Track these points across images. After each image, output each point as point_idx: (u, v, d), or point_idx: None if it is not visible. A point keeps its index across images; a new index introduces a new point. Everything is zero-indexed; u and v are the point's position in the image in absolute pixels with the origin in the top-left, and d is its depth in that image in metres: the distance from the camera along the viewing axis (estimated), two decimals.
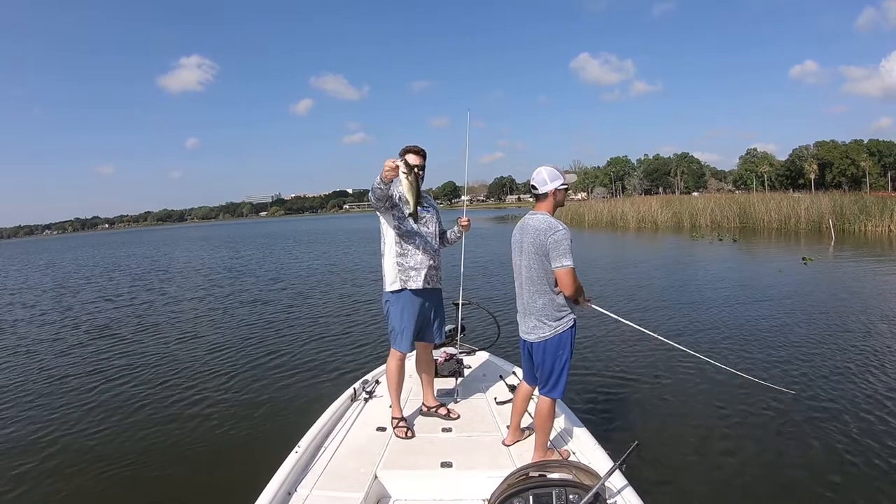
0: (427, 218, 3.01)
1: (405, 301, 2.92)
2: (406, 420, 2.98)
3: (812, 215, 21.60)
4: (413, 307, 2.93)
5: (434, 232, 3.05)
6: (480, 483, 2.38)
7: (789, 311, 7.38)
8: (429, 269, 2.94)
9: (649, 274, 11.56)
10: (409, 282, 2.91)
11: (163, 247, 38.86)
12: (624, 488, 2.16)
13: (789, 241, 18.10)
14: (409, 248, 2.92)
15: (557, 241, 2.41)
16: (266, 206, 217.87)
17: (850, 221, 19.90)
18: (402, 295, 2.93)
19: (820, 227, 20.57)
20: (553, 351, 2.52)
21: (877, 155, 74.95)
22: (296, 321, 8.29)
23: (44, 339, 8.26)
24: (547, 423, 2.57)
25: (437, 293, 3.07)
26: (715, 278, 10.68)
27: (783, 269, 11.14)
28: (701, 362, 4.43)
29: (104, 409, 4.83)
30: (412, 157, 2.87)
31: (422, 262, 2.93)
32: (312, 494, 2.30)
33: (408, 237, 2.93)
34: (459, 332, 4.01)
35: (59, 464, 3.83)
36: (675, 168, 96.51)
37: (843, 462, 3.33)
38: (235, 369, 5.82)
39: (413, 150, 2.92)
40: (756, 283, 10.01)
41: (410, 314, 2.92)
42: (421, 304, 2.96)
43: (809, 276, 10.39)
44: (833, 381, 4.67)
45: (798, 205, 22.52)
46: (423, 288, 2.93)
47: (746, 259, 14.36)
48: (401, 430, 2.89)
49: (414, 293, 2.92)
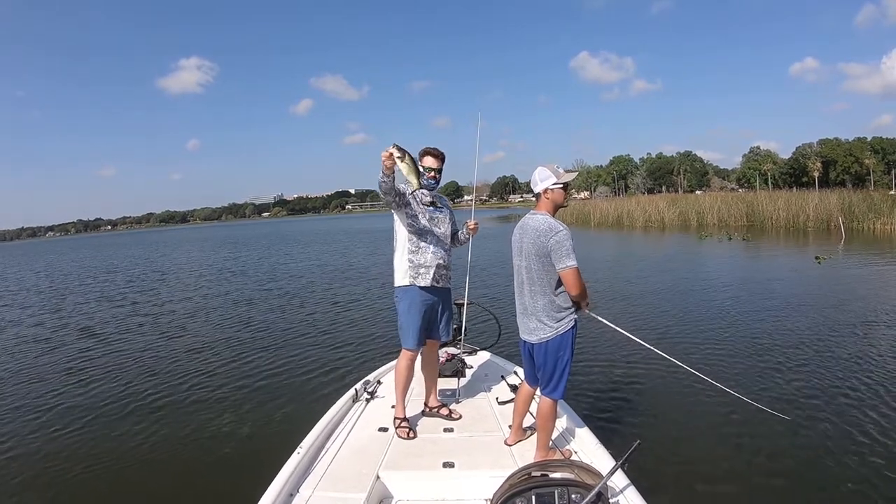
0: (440, 218, 3.06)
1: (413, 297, 2.95)
2: (408, 420, 2.98)
3: (821, 213, 21.40)
4: (421, 304, 2.96)
5: (446, 232, 3.09)
6: (483, 483, 2.37)
7: (807, 314, 7.08)
8: (438, 268, 2.98)
9: (658, 277, 11.21)
10: (418, 279, 2.95)
11: (164, 248, 38.96)
12: (626, 487, 2.15)
13: (798, 240, 17.93)
14: (421, 246, 2.97)
15: (559, 242, 2.40)
16: (268, 207, 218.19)
17: (859, 220, 19.74)
18: (410, 291, 2.96)
19: (828, 226, 20.41)
20: (554, 351, 2.51)
21: (880, 153, 74.57)
22: (296, 322, 8.30)
23: (39, 340, 8.29)
24: (549, 423, 2.56)
25: (446, 292, 3.11)
26: (726, 279, 10.44)
27: (798, 269, 11.01)
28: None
29: (105, 413, 4.84)
30: (430, 159, 3.00)
31: (432, 260, 2.97)
32: (314, 495, 2.30)
33: (420, 235, 2.97)
34: (462, 333, 4.01)
35: (60, 464, 3.85)
36: (678, 167, 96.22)
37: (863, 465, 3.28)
38: (236, 371, 5.83)
39: (431, 153, 3.01)
40: (770, 284, 9.75)
41: (418, 311, 2.95)
42: (429, 302, 2.99)
43: (825, 276, 10.21)
44: (842, 389, 4.59)
45: (807, 203, 22.30)
46: (432, 286, 2.97)
47: (757, 258, 14.19)
48: (402, 431, 2.90)
49: (422, 290, 2.96)
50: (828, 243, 15.92)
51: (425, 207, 3.01)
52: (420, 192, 2.95)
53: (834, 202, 21.42)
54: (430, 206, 3.03)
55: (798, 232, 20.45)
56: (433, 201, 3.06)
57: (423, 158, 3.02)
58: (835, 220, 19.99)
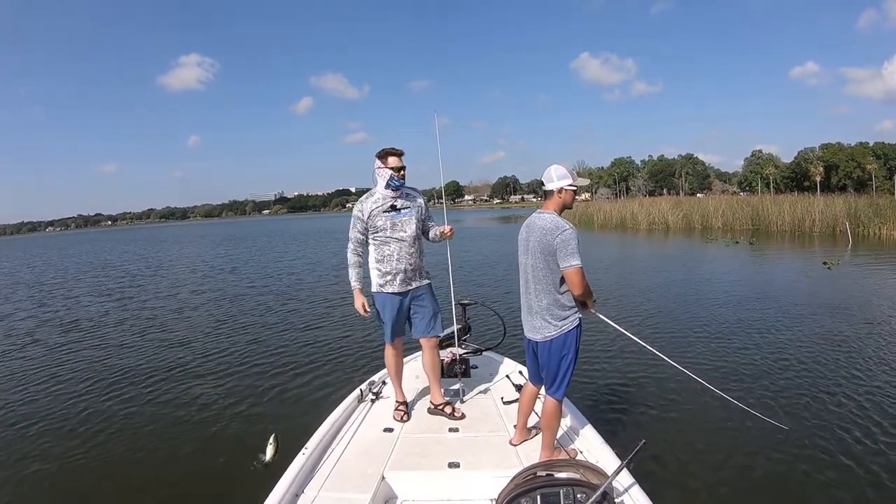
0: (404, 221, 3.08)
1: (383, 301, 3.13)
2: (409, 414, 3.12)
3: (826, 218, 21.17)
4: (391, 307, 3.12)
5: (412, 234, 3.10)
6: (488, 483, 2.38)
7: (822, 322, 6.87)
8: (405, 273, 3.09)
9: (667, 280, 11.01)
10: (385, 286, 3.09)
11: (172, 245, 38.99)
12: (632, 487, 2.16)
13: (804, 245, 17.70)
14: (385, 254, 3.08)
15: (565, 240, 2.40)
16: (269, 205, 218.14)
17: (864, 225, 19.51)
18: (380, 296, 3.13)
19: (834, 231, 20.21)
20: (558, 350, 2.51)
21: (882, 158, 74.45)
22: (300, 323, 8.29)
23: (41, 341, 8.30)
24: (553, 422, 2.57)
25: (419, 290, 3.17)
26: (735, 284, 10.24)
27: (809, 274, 10.84)
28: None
29: (108, 414, 4.84)
30: (394, 159, 3.04)
31: (397, 268, 3.08)
32: (320, 496, 2.31)
33: (384, 244, 3.08)
34: (466, 333, 4.01)
35: (59, 465, 3.87)
36: (679, 169, 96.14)
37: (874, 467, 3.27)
38: (241, 372, 5.83)
39: (394, 153, 3.06)
40: (781, 289, 9.56)
41: (389, 313, 3.13)
42: (399, 303, 3.12)
43: (836, 282, 10.04)
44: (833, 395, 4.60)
45: (812, 207, 22.06)
46: (401, 290, 3.10)
47: (766, 263, 13.95)
48: (398, 414, 3.08)
49: (392, 294, 3.10)
50: (835, 248, 15.79)
51: (387, 215, 3.05)
52: (382, 198, 3.05)
53: (840, 207, 21.16)
54: (390, 211, 3.05)
55: (803, 236, 20.28)
56: (394, 204, 3.07)
57: (388, 159, 3.02)
58: (840, 226, 19.79)
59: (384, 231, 3.04)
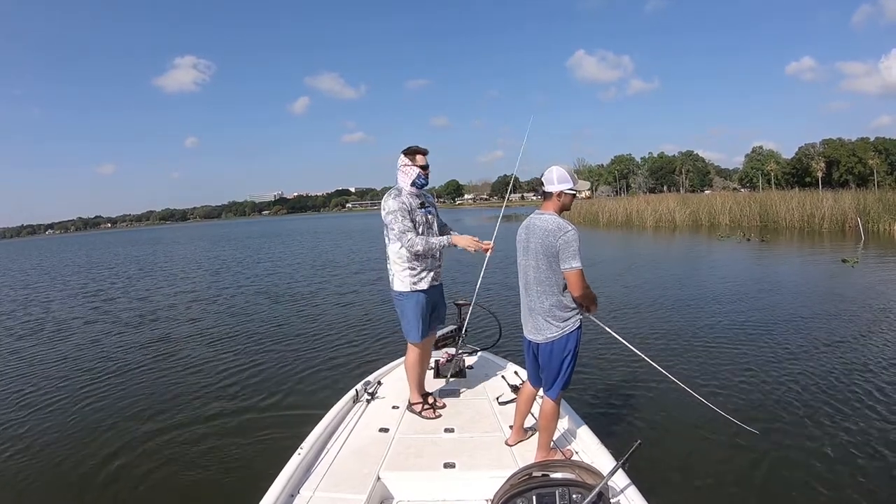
0: (431, 219, 3.14)
1: (416, 300, 3.09)
2: (410, 419, 3.06)
3: (836, 214, 20.88)
4: (423, 304, 3.11)
5: (436, 230, 3.17)
6: (483, 483, 2.38)
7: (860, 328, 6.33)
8: (435, 270, 3.13)
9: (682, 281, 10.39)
10: (418, 283, 3.07)
11: (172, 246, 39.03)
12: (627, 487, 2.15)
13: (815, 241, 17.28)
14: (420, 255, 3.05)
15: (567, 242, 2.39)
16: (269, 205, 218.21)
17: (874, 221, 19.23)
18: (413, 295, 3.09)
19: (843, 227, 19.97)
20: (560, 351, 2.50)
21: (884, 153, 74.32)
22: (296, 323, 8.28)
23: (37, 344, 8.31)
24: (551, 423, 2.56)
25: (440, 287, 3.25)
26: (756, 284, 9.68)
27: (831, 273, 10.45)
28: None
29: (106, 412, 4.85)
30: (422, 157, 3.07)
31: (430, 265, 3.10)
32: (315, 496, 2.30)
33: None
34: (461, 333, 4.00)
35: (59, 465, 3.87)
36: (680, 166, 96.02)
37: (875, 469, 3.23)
38: (236, 372, 5.82)
39: (422, 152, 3.08)
40: (806, 290, 9.07)
41: (421, 311, 3.10)
42: (428, 300, 3.12)
43: (861, 280, 9.48)
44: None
45: (821, 203, 21.78)
46: (430, 286, 3.11)
47: (782, 262, 13.42)
48: (428, 412, 3.10)
49: (423, 292, 3.09)
50: (847, 245, 15.42)
51: (422, 211, 3.06)
52: (412, 195, 3.04)
53: (848, 203, 20.90)
54: (421, 207, 3.07)
55: (813, 233, 19.94)
56: (423, 201, 3.10)
57: (416, 157, 3.06)
58: (850, 221, 19.54)
59: (420, 227, 3.04)
